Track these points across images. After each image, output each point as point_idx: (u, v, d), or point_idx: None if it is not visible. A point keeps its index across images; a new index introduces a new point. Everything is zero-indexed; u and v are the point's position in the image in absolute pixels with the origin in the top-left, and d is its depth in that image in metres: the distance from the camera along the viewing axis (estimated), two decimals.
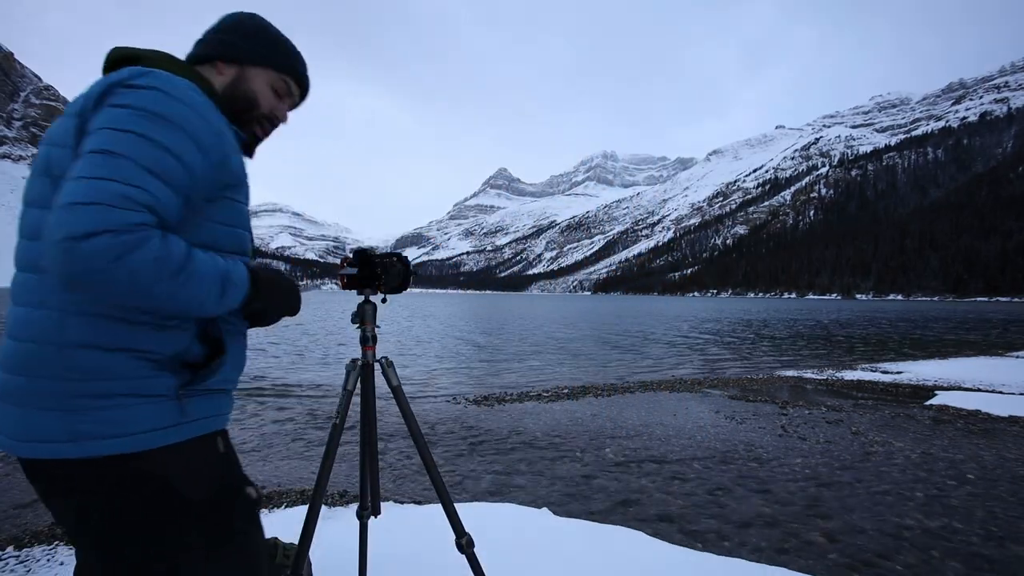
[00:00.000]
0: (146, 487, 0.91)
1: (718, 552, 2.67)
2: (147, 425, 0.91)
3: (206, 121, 0.95)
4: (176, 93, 0.93)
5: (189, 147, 0.92)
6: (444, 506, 1.63)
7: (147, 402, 0.91)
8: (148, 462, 0.91)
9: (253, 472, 4.08)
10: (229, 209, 1.03)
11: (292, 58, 1.22)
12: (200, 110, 0.95)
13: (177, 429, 0.94)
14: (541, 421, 5.77)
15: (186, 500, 0.94)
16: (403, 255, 1.66)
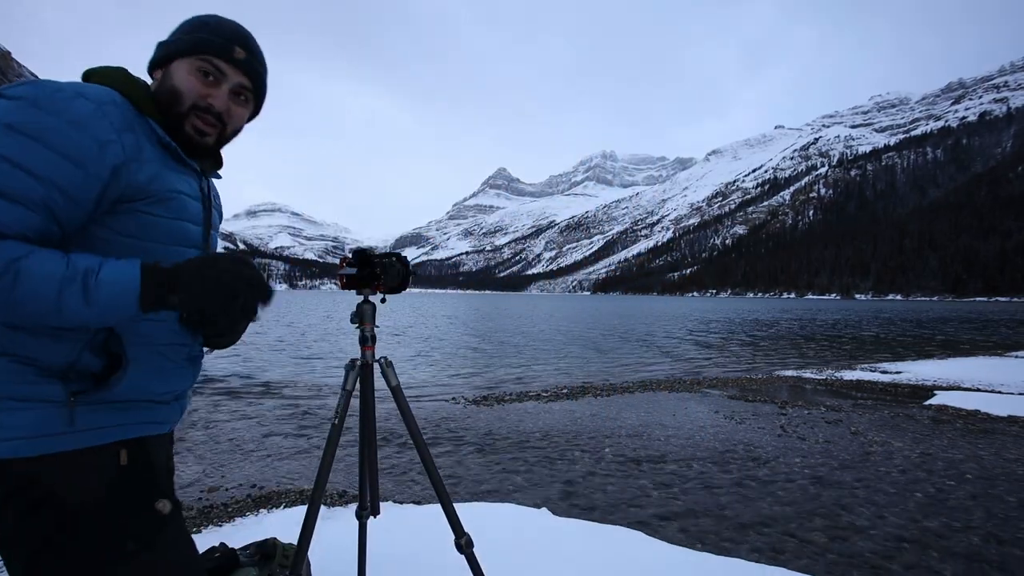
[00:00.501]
0: (26, 495, 0.88)
1: (718, 552, 2.67)
2: (28, 431, 0.88)
3: (83, 131, 0.89)
4: (45, 103, 0.88)
5: (50, 160, 0.87)
6: (443, 506, 1.63)
7: (31, 407, 0.88)
8: (29, 468, 0.88)
9: (253, 472, 4.08)
10: (136, 222, 0.98)
11: (205, 33, 1.08)
12: (77, 119, 0.89)
13: (64, 438, 0.90)
14: (541, 421, 5.77)
15: (71, 513, 0.90)
16: (402, 255, 1.65)
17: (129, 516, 0.96)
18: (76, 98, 0.90)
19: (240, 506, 3.29)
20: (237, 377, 8.80)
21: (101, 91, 0.95)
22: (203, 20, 1.10)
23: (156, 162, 1.00)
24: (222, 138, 1.13)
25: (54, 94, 0.89)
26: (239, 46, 1.10)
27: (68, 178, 0.88)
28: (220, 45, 1.08)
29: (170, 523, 1.01)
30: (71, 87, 0.92)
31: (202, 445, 4.82)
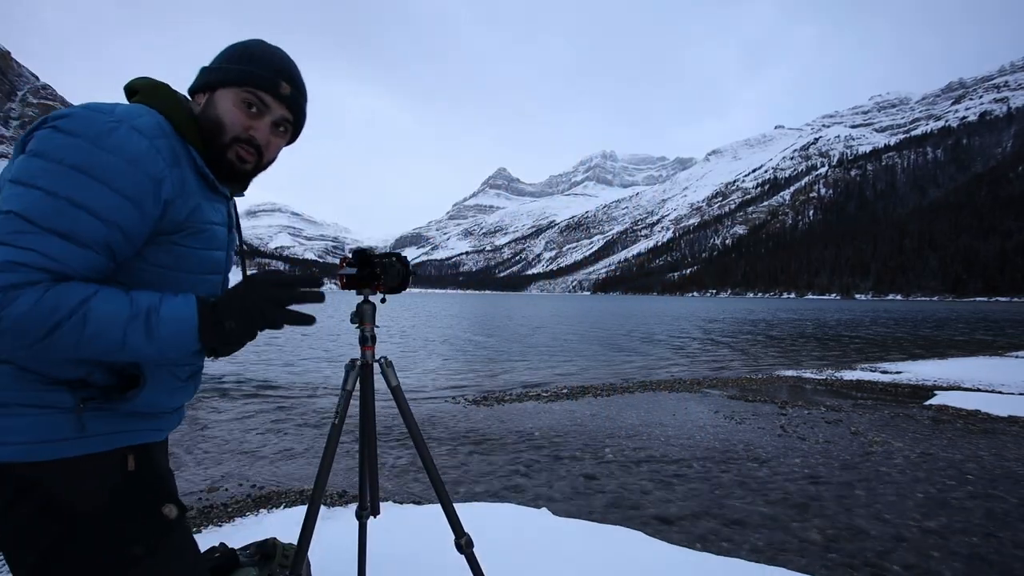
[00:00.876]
0: (32, 499, 0.88)
1: (718, 552, 2.67)
2: (36, 436, 0.88)
3: (140, 170, 0.90)
4: (105, 141, 0.88)
5: (111, 200, 0.88)
6: (443, 506, 1.63)
7: (39, 413, 0.89)
8: (35, 473, 0.88)
9: (252, 472, 4.08)
10: (171, 253, 0.99)
11: (255, 66, 1.08)
12: (135, 158, 0.90)
13: (71, 443, 0.91)
14: (541, 421, 5.76)
15: (78, 517, 0.90)
16: (402, 255, 1.65)
17: (136, 521, 0.96)
18: (131, 134, 0.91)
19: (240, 506, 3.29)
20: (237, 377, 8.80)
21: (152, 123, 0.95)
22: (251, 51, 1.10)
23: (196, 194, 1.02)
24: (258, 167, 1.14)
25: (112, 131, 0.89)
26: (285, 80, 1.10)
27: (128, 218, 0.90)
28: (267, 80, 1.08)
29: (176, 528, 1.02)
30: (125, 119, 0.92)
31: (202, 445, 4.82)
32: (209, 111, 1.07)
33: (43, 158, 0.86)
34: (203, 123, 1.06)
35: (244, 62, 1.08)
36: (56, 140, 0.87)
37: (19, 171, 0.86)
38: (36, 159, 0.86)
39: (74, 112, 0.90)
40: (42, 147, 0.86)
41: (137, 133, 0.92)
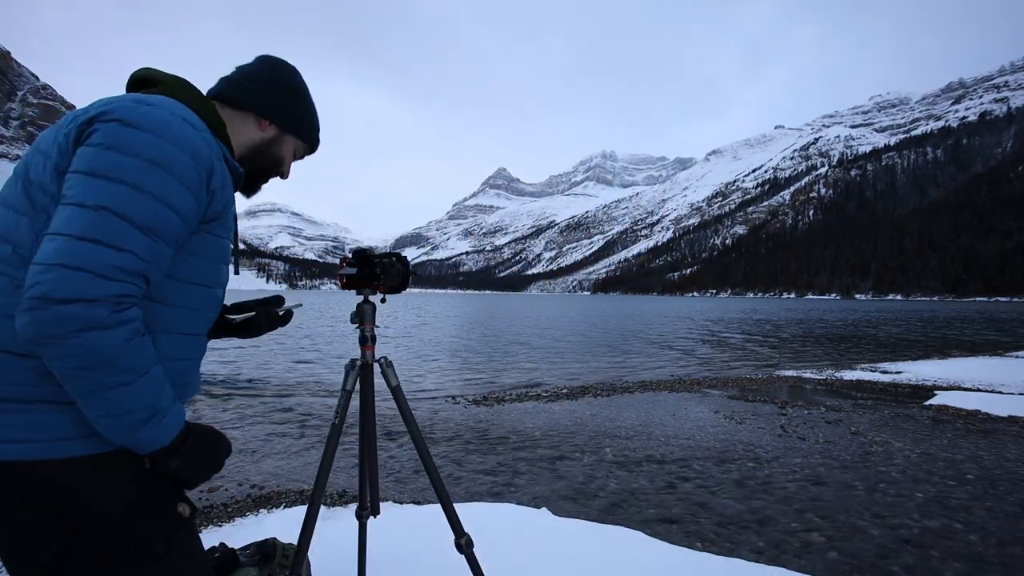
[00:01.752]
0: (54, 497, 0.87)
1: (718, 552, 2.67)
2: (57, 433, 0.88)
3: (199, 162, 0.94)
4: (169, 133, 0.90)
5: (183, 194, 0.91)
6: (443, 506, 1.63)
7: (58, 409, 0.88)
8: (57, 471, 0.88)
9: (252, 472, 4.08)
10: (203, 242, 1.02)
11: (317, 132, 1.30)
12: (195, 151, 0.93)
13: (91, 440, 0.90)
14: (541, 421, 5.76)
15: (98, 514, 0.89)
16: (402, 255, 1.65)
17: (154, 518, 0.96)
18: (185, 127, 0.94)
19: (240, 506, 3.29)
20: (237, 377, 8.80)
21: (196, 118, 0.99)
22: (313, 109, 1.28)
23: (230, 188, 1.06)
24: None
25: (171, 124, 0.92)
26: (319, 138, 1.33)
27: (190, 210, 0.94)
28: (318, 143, 1.32)
29: (189, 526, 1.02)
30: (176, 112, 0.95)
31: None
32: (275, 148, 1.22)
33: (121, 152, 0.86)
34: (266, 153, 1.21)
35: (315, 128, 1.29)
36: (129, 134, 0.87)
37: (95, 164, 0.85)
38: (112, 153, 0.86)
39: (130, 106, 0.91)
40: (115, 141, 0.86)
41: (190, 126, 0.95)
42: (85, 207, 0.82)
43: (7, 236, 0.89)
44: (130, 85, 1.07)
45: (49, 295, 0.77)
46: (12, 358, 0.86)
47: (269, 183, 1.30)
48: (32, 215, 0.89)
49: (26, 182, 0.91)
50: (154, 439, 0.91)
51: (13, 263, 0.88)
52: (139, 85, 1.07)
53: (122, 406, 0.85)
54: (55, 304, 0.77)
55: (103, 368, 0.82)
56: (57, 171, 0.89)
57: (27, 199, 0.90)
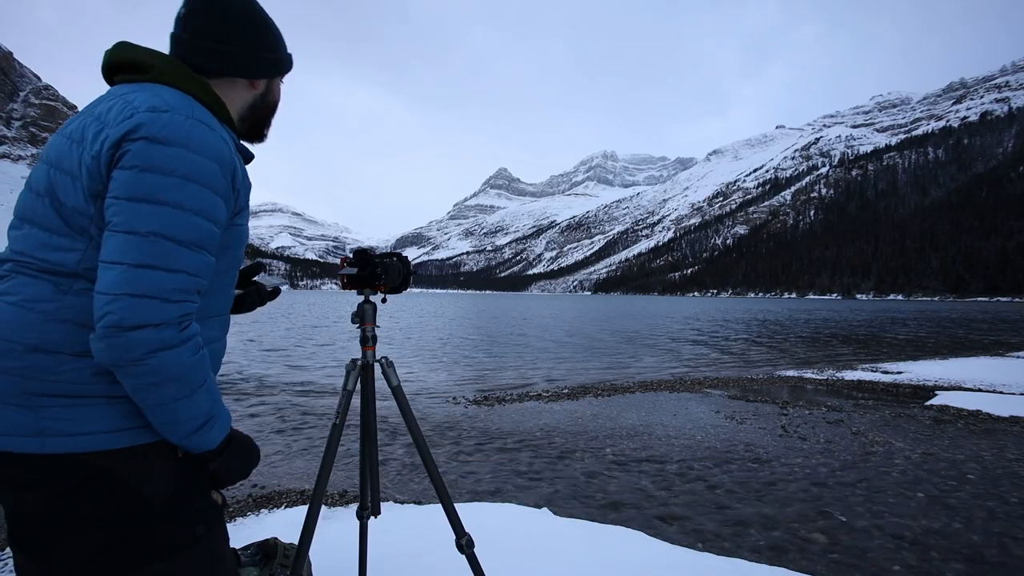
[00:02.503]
0: (106, 485, 0.93)
1: (718, 552, 2.67)
2: (109, 425, 0.93)
3: (224, 166, 0.97)
4: (194, 143, 0.93)
5: (216, 203, 0.95)
6: (444, 506, 1.63)
7: (110, 403, 0.93)
8: (109, 461, 0.93)
9: (253, 472, 4.07)
10: (230, 234, 1.06)
11: (288, 52, 1.23)
12: (216, 155, 0.95)
13: (139, 431, 0.95)
14: (541, 421, 5.76)
15: (146, 500, 0.95)
16: (403, 255, 1.66)
17: (195, 504, 1.03)
18: (203, 129, 0.96)
19: (241, 506, 3.30)
20: (237, 377, 8.81)
21: (205, 113, 1.00)
22: (278, 32, 1.19)
23: (248, 177, 1.08)
24: None
25: (192, 131, 0.94)
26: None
27: (223, 214, 0.98)
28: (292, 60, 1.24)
29: (222, 515, 1.10)
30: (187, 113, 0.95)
31: None
32: (268, 97, 1.20)
33: (156, 172, 0.89)
34: (263, 106, 1.20)
35: (283, 47, 1.20)
36: (159, 151, 0.90)
37: (136, 190, 0.88)
38: (149, 174, 0.89)
39: (151, 119, 0.91)
40: (148, 161, 0.89)
41: (207, 128, 0.97)
42: (137, 234, 0.87)
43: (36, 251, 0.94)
44: (112, 68, 1.04)
45: (121, 324, 0.84)
46: (66, 358, 0.90)
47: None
48: (72, 235, 0.93)
49: (56, 203, 0.94)
50: (205, 442, 0.99)
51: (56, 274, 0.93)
52: (121, 68, 1.04)
53: (185, 414, 0.93)
54: (128, 331, 0.84)
55: (173, 383, 0.89)
56: (91, 194, 0.92)
57: (60, 220, 0.94)
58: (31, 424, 0.89)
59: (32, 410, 0.89)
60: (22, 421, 0.89)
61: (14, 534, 0.97)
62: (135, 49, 1.04)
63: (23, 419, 0.89)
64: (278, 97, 1.24)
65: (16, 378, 0.89)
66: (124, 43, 1.04)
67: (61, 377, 0.90)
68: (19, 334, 0.89)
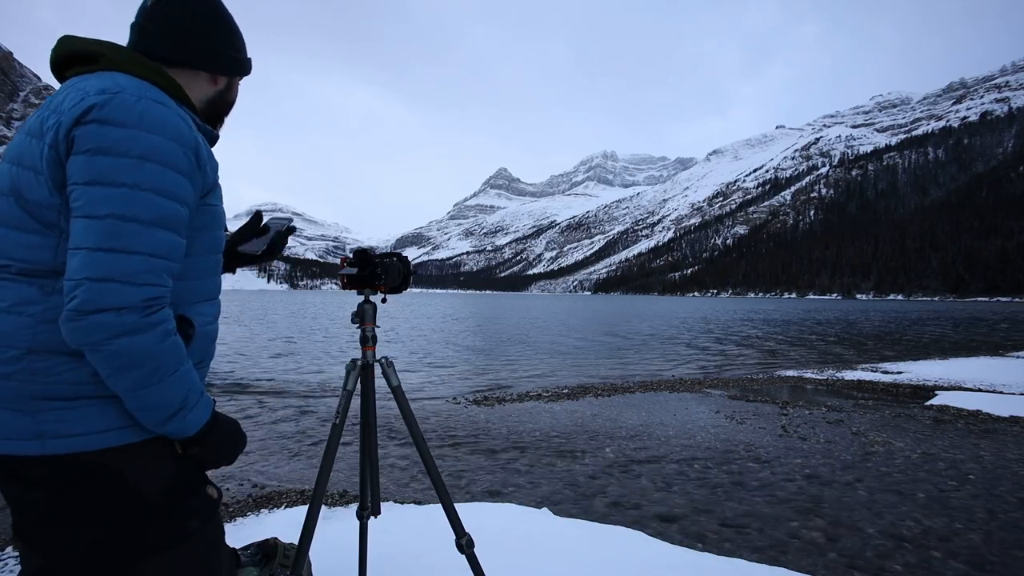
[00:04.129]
0: (103, 482, 0.94)
1: (718, 552, 2.67)
2: (106, 424, 0.94)
3: (184, 144, 0.95)
4: (148, 122, 0.91)
5: (179, 181, 0.94)
6: (444, 506, 1.63)
7: (106, 403, 0.94)
8: (106, 458, 0.95)
9: (252, 472, 4.08)
10: (206, 215, 1.06)
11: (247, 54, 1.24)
12: (173, 133, 0.94)
13: (133, 429, 0.97)
14: (541, 421, 5.76)
15: (141, 496, 0.97)
16: (403, 255, 1.66)
17: (190, 499, 1.04)
18: (157, 108, 0.94)
19: (241, 506, 3.30)
20: (237, 377, 8.81)
21: (158, 92, 0.98)
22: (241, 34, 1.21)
23: (213, 155, 1.07)
24: None
25: (145, 110, 0.92)
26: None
27: (188, 193, 0.97)
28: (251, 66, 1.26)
29: (217, 509, 1.12)
30: (141, 94, 0.94)
31: None
32: (228, 95, 1.22)
33: (110, 154, 0.88)
34: (222, 103, 1.20)
35: (246, 51, 1.22)
36: (111, 133, 0.89)
37: (90, 173, 0.87)
38: (103, 157, 0.88)
39: (100, 101, 0.90)
40: (100, 143, 0.88)
41: (159, 105, 0.95)
42: (94, 217, 0.86)
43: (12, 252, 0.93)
44: (61, 61, 1.03)
45: (82, 308, 0.84)
46: (61, 359, 0.91)
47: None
48: (42, 232, 0.93)
49: (21, 200, 0.93)
50: (181, 429, 0.99)
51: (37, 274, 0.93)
52: (73, 60, 1.03)
53: (154, 401, 0.93)
54: (88, 315, 0.84)
55: (139, 369, 0.89)
56: (56, 186, 0.91)
57: (29, 217, 0.93)
58: (31, 427, 0.90)
59: (31, 414, 0.90)
60: (22, 425, 0.90)
61: (19, 526, 0.99)
62: (83, 41, 1.03)
63: (22, 423, 0.90)
64: (235, 97, 1.25)
65: (13, 383, 0.90)
66: (69, 36, 1.03)
67: (57, 379, 0.91)
68: (12, 339, 0.90)
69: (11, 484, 0.96)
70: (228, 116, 1.26)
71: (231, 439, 1.11)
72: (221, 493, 1.13)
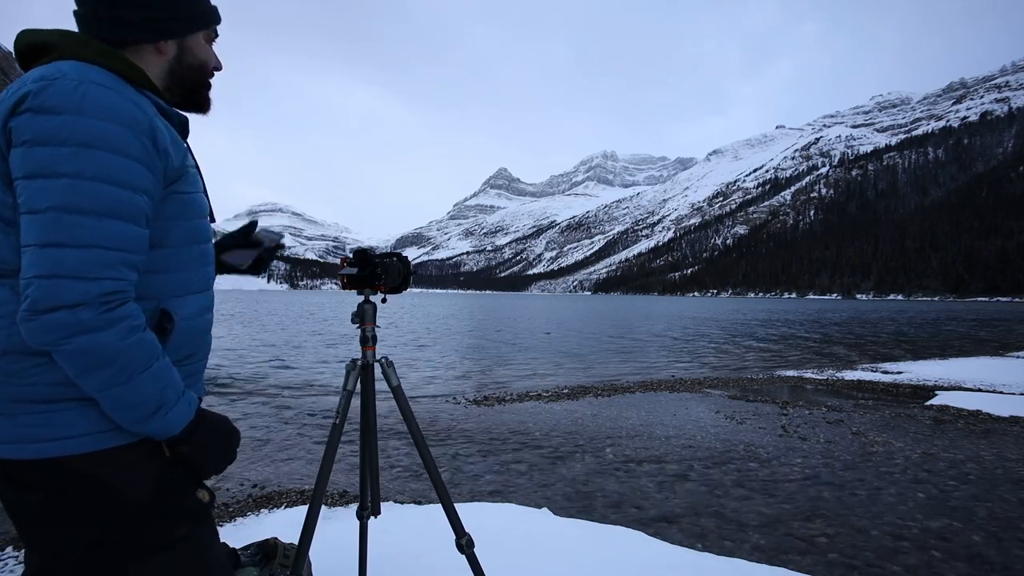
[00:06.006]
0: (88, 487, 0.92)
1: (718, 552, 2.67)
2: (85, 428, 0.91)
3: (132, 127, 0.89)
4: (88, 107, 0.85)
5: (130, 167, 0.88)
6: (444, 506, 1.63)
7: (84, 406, 0.92)
8: (89, 464, 0.92)
9: (252, 472, 4.08)
10: (176, 203, 1.00)
11: (212, 5, 1.12)
12: (118, 117, 0.87)
13: (114, 433, 0.94)
14: (541, 421, 5.76)
15: (126, 501, 0.94)
16: (403, 255, 1.66)
17: (177, 504, 1.01)
18: (101, 91, 0.88)
19: (241, 506, 3.30)
20: (237, 377, 8.81)
21: (105, 75, 0.92)
22: None
23: (179, 139, 1.02)
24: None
25: (85, 94, 0.86)
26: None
27: (145, 179, 0.90)
28: (216, 12, 1.11)
29: (209, 512, 1.08)
30: (83, 78, 0.87)
31: None
32: (186, 58, 1.08)
33: (47, 144, 0.83)
34: (183, 70, 1.08)
35: (205, 5, 1.10)
36: (48, 122, 0.83)
37: (28, 165, 0.83)
38: (40, 147, 0.83)
39: (35, 90, 0.85)
40: (36, 134, 0.83)
41: (103, 88, 0.88)
42: (36, 212, 0.82)
43: None
44: (24, 54, 0.98)
45: (34, 307, 0.80)
46: (35, 360, 0.89)
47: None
48: (4, 230, 0.89)
49: None
50: (162, 430, 0.95)
51: (6, 274, 0.90)
52: (35, 52, 0.97)
53: (127, 401, 0.89)
54: (42, 314, 0.80)
55: (105, 368, 0.85)
56: (5, 183, 0.87)
57: None
58: (11, 431, 0.88)
59: (10, 416, 0.88)
60: (2, 428, 0.88)
61: (19, 528, 0.98)
62: (38, 32, 0.98)
63: (2, 426, 0.88)
64: (202, 59, 1.10)
65: None
66: (27, 30, 0.99)
67: (34, 381, 0.88)
68: None
69: (6, 487, 0.95)
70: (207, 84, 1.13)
71: (222, 436, 1.06)
72: (214, 496, 1.10)
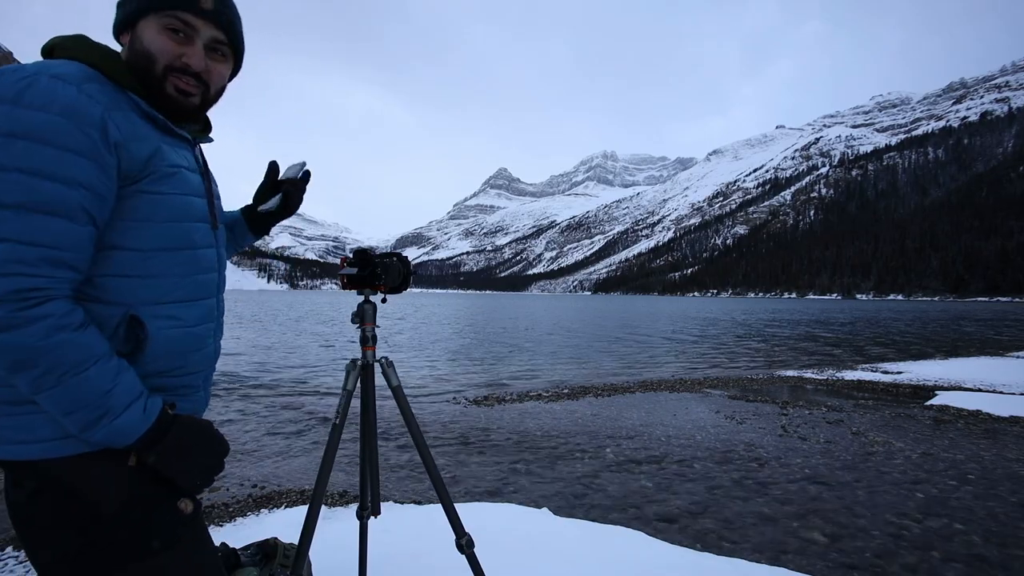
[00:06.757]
0: (60, 493, 0.89)
1: (718, 552, 2.67)
2: (55, 433, 0.88)
3: (77, 119, 0.84)
4: (24, 99, 0.81)
5: (69, 160, 0.83)
6: (444, 506, 1.63)
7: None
8: (58, 469, 0.89)
9: (252, 473, 4.08)
10: (145, 203, 0.94)
11: None
12: (62, 108, 0.83)
13: (76, 440, 0.90)
14: (541, 421, 5.76)
15: (96, 512, 0.90)
16: (403, 255, 1.66)
17: (154, 514, 0.95)
18: (54, 83, 0.83)
19: (241, 506, 3.30)
20: (237, 377, 8.81)
21: (73, 69, 0.88)
22: None
23: (153, 138, 0.96)
24: (206, 100, 1.06)
25: (30, 86, 0.81)
26: None
27: (88, 174, 0.84)
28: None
29: (192, 522, 1.01)
30: (41, 71, 0.84)
31: None
32: (136, 47, 0.97)
33: None
34: (132, 62, 0.97)
35: None
36: None
37: None
38: None
39: None
40: None
41: (59, 81, 0.84)
42: None
43: None
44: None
45: None
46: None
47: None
48: None
49: None
50: (112, 437, 0.88)
51: None
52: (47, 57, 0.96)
53: (63, 406, 0.83)
54: None
55: (29, 368, 0.80)
56: None
57: None
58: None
59: None
60: None
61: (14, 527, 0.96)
62: (53, 39, 0.97)
63: None
64: (149, 47, 0.96)
65: None
66: (54, 38, 0.96)
67: (2, 381, 0.86)
68: None
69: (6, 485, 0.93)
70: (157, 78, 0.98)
71: (199, 445, 0.98)
72: (199, 505, 1.02)
